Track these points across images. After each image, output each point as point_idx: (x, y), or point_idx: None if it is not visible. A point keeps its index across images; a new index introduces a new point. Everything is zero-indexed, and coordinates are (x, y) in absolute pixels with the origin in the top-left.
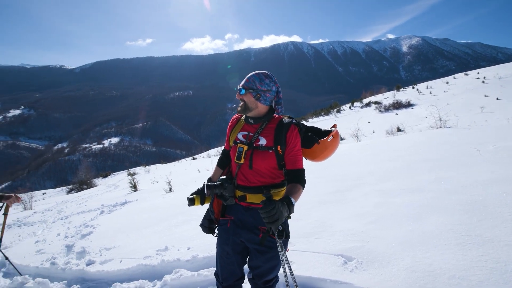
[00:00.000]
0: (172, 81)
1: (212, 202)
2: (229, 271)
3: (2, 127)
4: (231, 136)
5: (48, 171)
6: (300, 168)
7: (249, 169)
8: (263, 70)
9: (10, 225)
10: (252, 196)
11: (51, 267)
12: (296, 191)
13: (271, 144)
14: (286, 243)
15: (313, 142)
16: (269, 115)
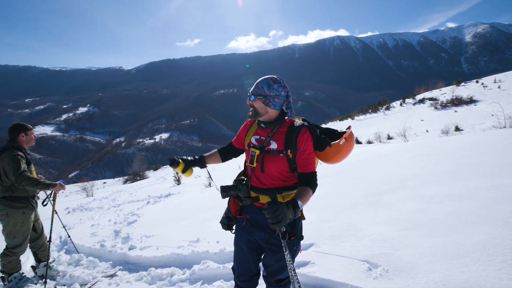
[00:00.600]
0: (217, 79)
1: (229, 201)
2: (244, 267)
3: (72, 123)
4: (245, 139)
5: (108, 162)
6: (311, 171)
7: (261, 172)
8: (308, 66)
9: (74, 209)
10: (264, 197)
11: (100, 248)
12: (305, 194)
13: (282, 148)
14: (297, 243)
15: (326, 144)
16: (280, 119)
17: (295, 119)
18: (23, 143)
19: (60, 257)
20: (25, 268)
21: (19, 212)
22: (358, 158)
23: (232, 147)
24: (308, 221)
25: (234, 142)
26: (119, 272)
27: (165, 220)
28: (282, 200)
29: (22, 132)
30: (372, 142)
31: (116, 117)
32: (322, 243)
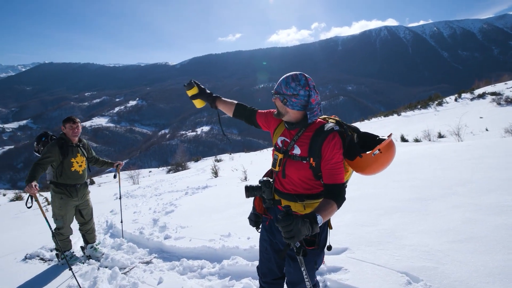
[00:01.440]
0: (257, 73)
1: (254, 198)
2: (268, 267)
3: (123, 115)
4: (273, 137)
5: (154, 152)
6: (338, 183)
7: (282, 178)
8: (353, 58)
9: (122, 195)
10: (285, 202)
11: (139, 235)
12: (327, 208)
13: (305, 154)
14: (319, 254)
15: (356, 154)
16: (303, 121)
17: (328, 120)
18: (67, 134)
19: (105, 240)
20: (76, 247)
21: (58, 197)
22: (403, 158)
23: (252, 114)
24: (343, 223)
25: (260, 113)
26: (154, 259)
27: (200, 212)
28: (303, 209)
29: (62, 124)
30: (420, 141)
31: (161, 110)
32: (357, 248)
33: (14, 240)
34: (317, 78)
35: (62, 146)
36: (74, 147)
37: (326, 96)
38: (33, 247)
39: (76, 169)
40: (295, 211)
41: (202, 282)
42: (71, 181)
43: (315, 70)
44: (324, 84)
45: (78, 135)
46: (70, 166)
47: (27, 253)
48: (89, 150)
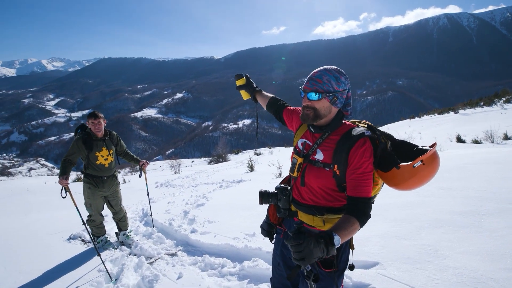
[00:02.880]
0: (301, 67)
1: (269, 206)
2: (280, 283)
3: (171, 107)
4: (294, 138)
5: (197, 143)
6: (363, 196)
7: (301, 185)
8: (405, 51)
9: (162, 184)
10: (303, 214)
11: (169, 226)
12: (347, 227)
13: (329, 161)
14: (338, 277)
15: (392, 165)
16: (336, 122)
17: (358, 124)
18: (91, 129)
19: (139, 228)
20: (112, 233)
21: (86, 186)
22: (457, 163)
23: (280, 109)
24: (376, 234)
25: (287, 110)
26: (179, 252)
27: (229, 207)
28: (322, 224)
29: (87, 119)
30: (481, 142)
31: (205, 102)
32: (389, 264)
33: (63, 219)
34: (364, 72)
35: (86, 141)
36: (99, 141)
37: (373, 91)
38: (78, 228)
39: (102, 162)
40: (312, 226)
41: (221, 282)
42: (97, 173)
43: (362, 64)
44: (372, 78)
45: (100, 130)
46: (95, 160)
47: (71, 234)
48: (118, 143)
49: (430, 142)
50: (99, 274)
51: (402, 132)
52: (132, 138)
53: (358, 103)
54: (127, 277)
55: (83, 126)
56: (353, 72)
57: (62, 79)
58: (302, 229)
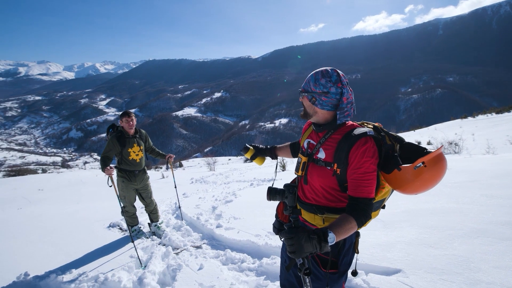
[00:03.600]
0: (340, 64)
1: (278, 204)
2: (287, 279)
3: (209, 106)
4: (301, 139)
5: (234, 142)
6: (363, 197)
7: (304, 184)
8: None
9: (197, 180)
10: (305, 213)
11: (196, 220)
12: (343, 225)
13: (330, 159)
14: (337, 279)
15: (393, 166)
16: (333, 123)
17: (365, 125)
18: (124, 127)
19: (170, 220)
20: (145, 223)
21: (120, 180)
22: (507, 169)
23: (299, 144)
24: (403, 240)
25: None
26: (204, 245)
27: (255, 205)
28: (322, 223)
29: (120, 118)
30: None
31: (243, 101)
32: (412, 273)
33: (107, 209)
34: (409, 69)
35: (119, 138)
36: (131, 138)
37: (419, 88)
38: (117, 217)
39: (133, 158)
40: (313, 225)
41: (239, 276)
42: (129, 167)
43: (406, 60)
44: (417, 75)
45: (133, 127)
46: (127, 155)
47: (111, 222)
48: (146, 140)
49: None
50: (130, 259)
51: (451, 134)
52: (173, 136)
53: (402, 102)
54: (155, 264)
55: (114, 125)
56: (397, 68)
57: (112, 80)
58: (297, 223)
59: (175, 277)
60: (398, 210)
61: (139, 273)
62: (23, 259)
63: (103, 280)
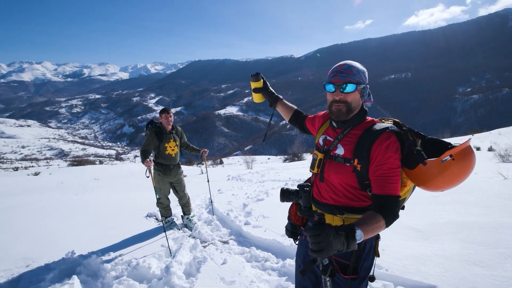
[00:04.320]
0: (388, 63)
1: (291, 206)
2: (302, 285)
3: (251, 105)
4: (316, 136)
5: (275, 141)
6: (391, 194)
7: (320, 182)
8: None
9: (233, 177)
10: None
11: (226, 216)
12: (371, 223)
13: (349, 155)
14: (357, 286)
15: (418, 161)
16: (359, 117)
17: (383, 121)
18: (162, 123)
19: (202, 215)
20: (179, 216)
21: (156, 173)
22: None
23: (303, 120)
24: (442, 254)
25: (308, 118)
26: (231, 241)
27: (286, 205)
28: (342, 223)
29: (159, 115)
30: None
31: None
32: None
33: (147, 200)
34: (468, 66)
35: (158, 133)
36: (168, 134)
37: (481, 88)
38: (154, 209)
39: (169, 153)
40: None
41: (260, 274)
42: (165, 161)
43: (465, 56)
44: (479, 73)
45: (171, 123)
46: (164, 150)
47: (148, 212)
48: (182, 136)
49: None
50: (161, 248)
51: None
52: (215, 133)
53: (459, 102)
54: (182, 255)
55: (152, 121)
56: (454, 66)
57: (161, 80)
58: (323, 220)
59: (199, 269)
60: (440, 221)
61: (167, 262)
62: (72, 239)
63: (135, 265)
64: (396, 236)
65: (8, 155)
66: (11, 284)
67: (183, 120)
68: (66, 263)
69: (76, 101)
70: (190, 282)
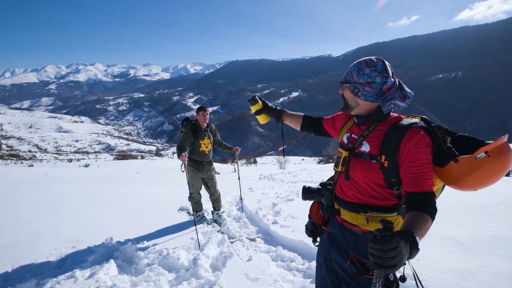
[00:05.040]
0: (436, 61)
1: (312, 204)
2: (323, 285)
3: (286, 105)
4: (339, 134)
5: (309, 142)
6: (427, 191)
7: (345, 180)
8: None
9: (265, 177)
10: (346, 212)
11: (255, 214)
12: (423, 225)
13: (375, 152)
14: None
15: (449, 158)
16: (381, 114)
17: (406, 116)
18: (199, 120)
19: (231, 211)
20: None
21: (190, 168)
22: None
23: (319, 122)
24: (486, 269)
25: (325, 120)
26: (258, 239)
27: None
28: (365, 222)
29: (196, 112)
30: None
31: (320, 101)
32: None
33: (180, 194)
34: None
35: (193, 130)
36: (203, 131)
37: None
38: (187, 203)
39: (203, 149)
40: (355, 225)
41: (285, 274)
42: (199, 158)
43: None
44: None
45: (206, 121)
46: (198, 147)
47: (181, 206)
48: (215, 134)
49: None
50: (191, 241)
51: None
52: (250, 133)
53: None
54: (210, 249)
55: (187, 119)
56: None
57: (199, 80)
58: (391, 228)
59: (225, 263)
60: (486, 234)
61: (196, 254)
62: (111, 225)
63: (165, 254)
64: (434, 246)
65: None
66: (60, 262)
67: (219, 119)
68: (105, 247)
69: (122, 100)
70: (215, 276)
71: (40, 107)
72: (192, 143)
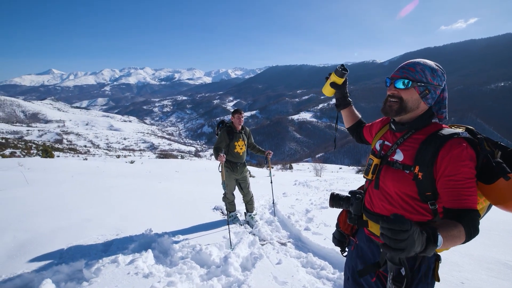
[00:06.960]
0: (498, 67)
1: (340, 213)
2: None
3: (326, 112)
4: (372, 141)
5: (348, 151)
6: (470, 208)
7: (375, 189)
8: None
9: (300, 183)
10: (374, 225)
11: (287, 219)
12: (451, 230)
13: (409, 162)
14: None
15: (498, 174)
16: (422, 121)
17: (451, 127)
18: (234, 123)
19: (264, 214)
20: (243, 212)
21: (225, 169)
22: None
23: (362, 128)
24: None
25: (366, 127)
26: (289, 243)
27: None
28: None
29: (232, 115)
30: None
31: (362, 109)
32: None
33: (215, 194)
34: None
35: (229, 132)
36: (238, 133)
37: None
38: (221, 203)
39: (237, 151)
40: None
41: (314, 282)
42: (233, 159)
43: None
44: None
45: (241, 123)
46: (233, 148)
47: (215, 205)
48: (249, 137)
49: None
50: (223, 239)
51: None
52: (287, 138)
53: None
54: (241, 249)
55: (223, 121)
56: None
57: (239, 85)
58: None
59: (254, 264)
60: None
61: (227, 253)
62: (151, 218)
63: (198, 250)
64: (481, 269)
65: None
66: (105, 246)
67: (257, 123)
68: (144, 238)
69: (166, 102)
70: (244, 275)
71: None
72: (227, 144)
